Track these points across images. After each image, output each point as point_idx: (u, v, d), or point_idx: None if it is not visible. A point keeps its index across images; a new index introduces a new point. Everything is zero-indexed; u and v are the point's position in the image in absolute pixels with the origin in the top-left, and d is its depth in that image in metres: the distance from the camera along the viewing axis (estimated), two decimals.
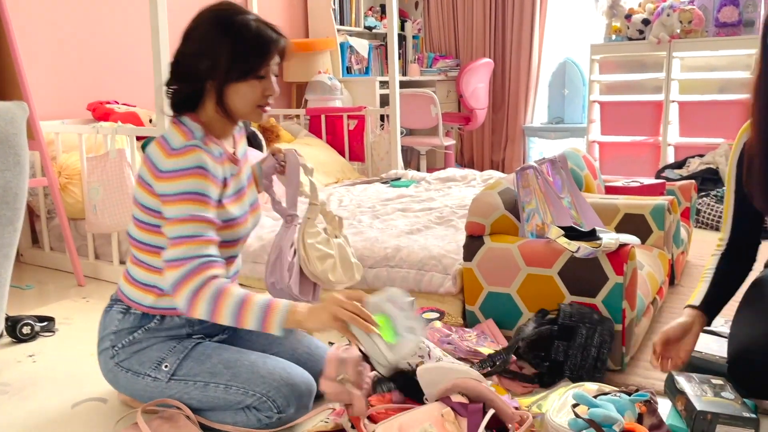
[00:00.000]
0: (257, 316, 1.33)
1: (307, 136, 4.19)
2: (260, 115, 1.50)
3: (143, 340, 1.50)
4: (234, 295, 1.34)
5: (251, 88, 1.45)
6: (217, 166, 1.44)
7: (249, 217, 1.58)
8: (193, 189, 1.38)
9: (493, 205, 1.98)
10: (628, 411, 1.18)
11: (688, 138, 4.41)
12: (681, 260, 2.58)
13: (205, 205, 1.40)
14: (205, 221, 1.39)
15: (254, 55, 1.43)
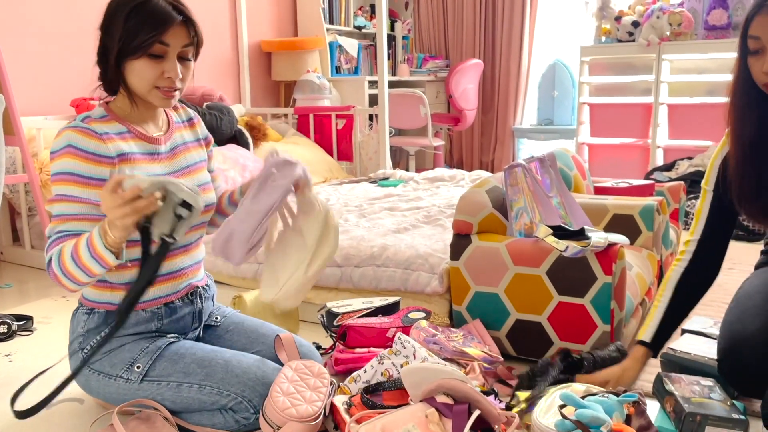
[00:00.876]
0: (87, 253, 1.30)
1: (295, 135, 4.15)
2: (161, 98, 1.44)
3: (113, 341, 1.46)
4: (67, 249, 1.32)
5: (146, 66, 1.40)
6: (98, 143, 1.38)
7: None
8: (64, 169, 1.37)
9: (481, 203, 1.95)
10: (616, 412, 1.16)
11: (677, 140, 4.41)
12: (670, 262, 2.56)
13: (75, 185, 1.37)
14: (73, 200, 1.38)
15: (145, 31, 1.38)
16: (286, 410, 1.29)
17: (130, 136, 1.46)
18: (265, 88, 4.62)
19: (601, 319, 1.71)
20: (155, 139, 1.52)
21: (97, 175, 1.39)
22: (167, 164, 1.53)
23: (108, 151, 1.40)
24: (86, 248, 1.30)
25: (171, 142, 1.56)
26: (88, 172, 1.38)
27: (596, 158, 4.75)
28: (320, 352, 1.88)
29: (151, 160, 1.50)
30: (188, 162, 1.58)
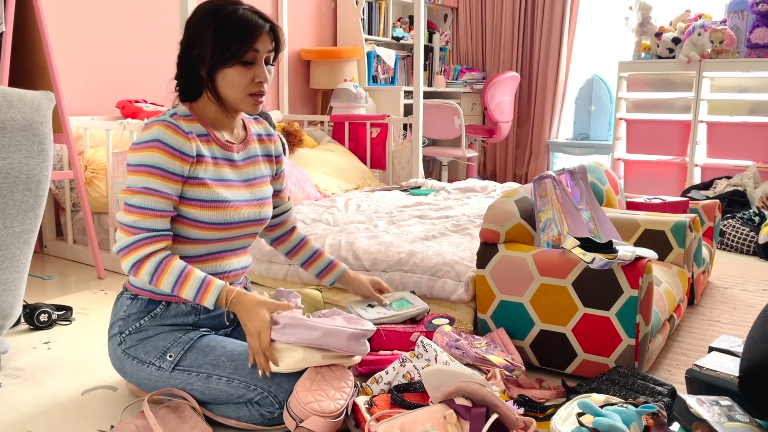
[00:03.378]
0: (193, 292, 1.46)
1: (330, 142, 4.22)
2: (252, 105, 1.53)
3: (149, 329, 1.53)
4: (176, 266, 1.46)
5: (239, 74, 1.48)
6: (184, 141, 1.47)
7: (247, 207, 1.60)
8: (149, 162, 1.44)
9: (509, 212, 1.96)
10: (634, 422, 1.16)
11: (715, 159, 4.34)
12: (702, 280, 2.53)
13: (159, 179, 1.45)
14: (157, 195, 1.45)
15: (237, 40, 1.46)
16: (309, 404, 1.32)
17: (206, 139, 1.55)
18: (303, 95, 4.71)
19: (626, 333, 1.71)
20: (229, 146, 1.60)
21: (177, 171, 1.48)
22: (238, 172, 1.61)
23: (191, 150, 1.49)
24: (195, 289, 1.46)
25: (245, 152, 1.64)
26: (172, 168, 1.46)
27: (632, 175, 4.70)
28: None
29: (226, 164, 1.58)
30: (256, 174, 1.66)
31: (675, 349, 2.04)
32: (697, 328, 2.22)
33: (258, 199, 1.64)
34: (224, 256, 1.61)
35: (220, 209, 1.54)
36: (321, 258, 1.89)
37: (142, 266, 1.45)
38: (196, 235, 1.53)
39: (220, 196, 1.54)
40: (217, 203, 1.53)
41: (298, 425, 1.31)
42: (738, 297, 2.59)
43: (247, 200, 1.60)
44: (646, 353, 1.76)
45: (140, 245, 1.45)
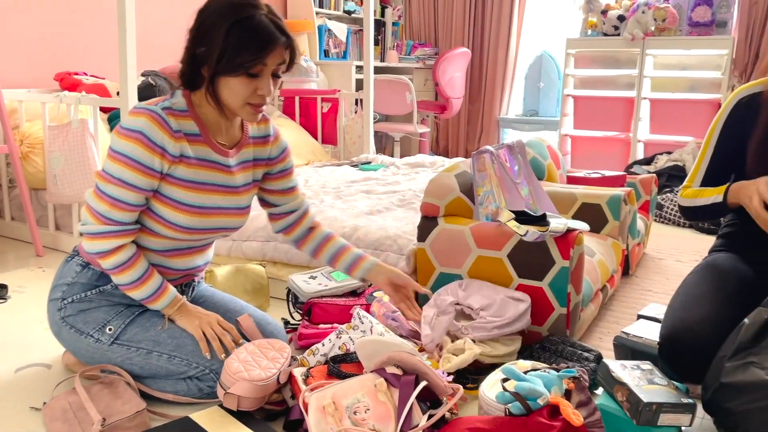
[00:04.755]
0: (152, 289, 1.48)
1: (281, 117, 4.18)
2: (250, 114, 1.44)
3: (93, 300, 1.51)
4: (140, 267, 1.47)
5: (241, 84, 1.38)
6: (168, 139, 1.41)
7: (223, 215, 1.53)
8: (128, 153, 1.39)
9: (449, 186, 1.99)
10: (555, 386, 1.21)
11: (657, 135, 4.47)
12: (637, 251, 2.62)
13: (136, 172, 1.40)
14: (131, 189, 1.40)
15: (248, 52, 1.35)
16: (238, 373, 1.33)
17: (199, 140, 1.47)
18: None
19: (558, 302, 1.77)
20: (223, 150, 1.51)
21: (156, 167, 1.42)
22: (228, 178, 1.53)
23: (174, 149, 1.42)
24: (156, 287, 1.48)
25: (238, 157, 1.55)
26: (150, 163, 1.40)
27: (579, 150, 4.81)
28: (287, 329, 1.93)
29: (215, 168, 1.50)
30: (245, 181, 1.58)
31: (607, 317, 2.12)
32: (630, 298, 2.31)
33: (239, 207, 1.57)
34: (189, 253, 1.57)
35: (195, 215, 1.48)
36: (347, 252, 1.70)
37: (109, 257, 1.43)
38: (166, 233, 1.48)
39: (197, 201, 1.47)
40: (193, 208, 1.47)
41: (226, 393, 1.32)
42: (671, 267, 2.70)
43: (226, 208, 1.53)
44: (577, 322, 1.82)
45: (109, 236, 1.42)
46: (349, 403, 1.24)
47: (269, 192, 1.68)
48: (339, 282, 1.93)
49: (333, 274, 1.97)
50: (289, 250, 2.27)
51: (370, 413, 1.23)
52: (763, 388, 1.23)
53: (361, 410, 1.23)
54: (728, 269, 1.59)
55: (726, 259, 1.63)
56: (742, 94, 1.60)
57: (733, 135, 1.58)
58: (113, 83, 3.25)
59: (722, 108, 1.63)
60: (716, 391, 1.33)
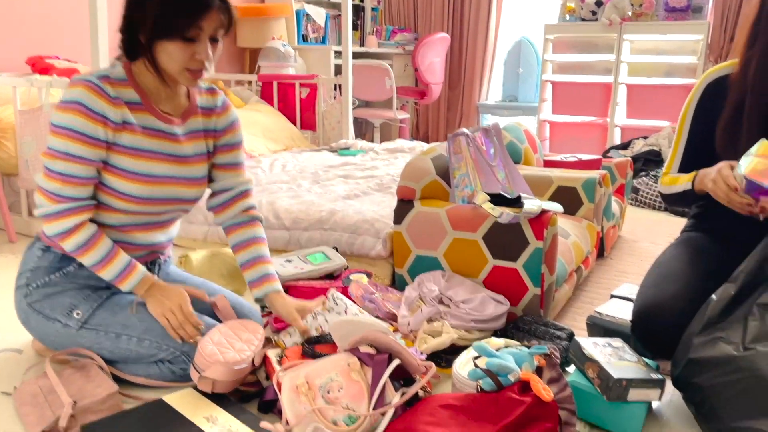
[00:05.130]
0: (119, 268, 1.45)
1: (258, 102, 4.14)
2: (189, 79, 1.43)
3: (58, 284, 1.49)
4: (104, 245, 1.44)
5: (179, 49, 1.39)
6: (108, 106, 1.39)
7: (176, 184, 1.52)
8: (69, 125, 1.37)
9: (425, 170, 2.00)
10: (525, 363, 1.22)
11: (634, 120, 4.51)
12: (612, 234, 2.65)
13: (80, 144, 1.38)
14: (78, 161, 1.39)
15: (182, 15, 1.36)
16: (212, 356, 1.33)
17: (140, 107, 1.46)
18: (230, 53, 4.59)
19: (532, 283, 1.79)
20: (167, 118, 1.50)
21: (100, 136, 1.40)
22: (172, 146, 1.51)
23: (115, 116, 1.41)
24: (123, 266, 1.45)
25: (185, 127, 1.54)
26: (93, 133, 1.38)
27: (557, 136, 4.84)
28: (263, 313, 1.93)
29: (160, 137, 1.48)
30: (195, 151, 1.56)
31: (582, 298, 2.15)
32: (604, 279, 2.34)
33: (191, 178, 1.55)
34: (148, 228, 1.55)
35: (145, 183, 1.46)
36: (259, 266, 1.61)
37: (70, 236, 1.40)
38: (120, 206, 1.46)
39: (145, 169, 1.46)
40: (141, 176, 1.45)
41: (200, 376, 1.32)
42: (646, 249, 2.73)
43: (178, 177, 1.52)
44: (551, 302, 1.84)
45: (67, 214, 1.39)
46: (323, 382, 1.24)
47: (213, 166, 1.65)
48: (315, 265, 1.93)
49: (309, 257, 1.97)
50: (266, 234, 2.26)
51: (343, 392, 1.23)
52: (730, 362, 1.26)
53: (334, 389, 1.23)
54: (699, 247, 1.61)
55: (698, 237, 1.66)
56: (711, 77, 1.61)
57: (705, 118, 1.60)
58: (86, 67, 3.20)
59: (692, 92, 1.64)
60: (685, 367, 1.35)
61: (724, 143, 1.53)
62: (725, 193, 1.40)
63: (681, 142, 1.65)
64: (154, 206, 1.51)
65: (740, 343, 1.26)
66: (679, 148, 1.66)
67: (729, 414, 1.24)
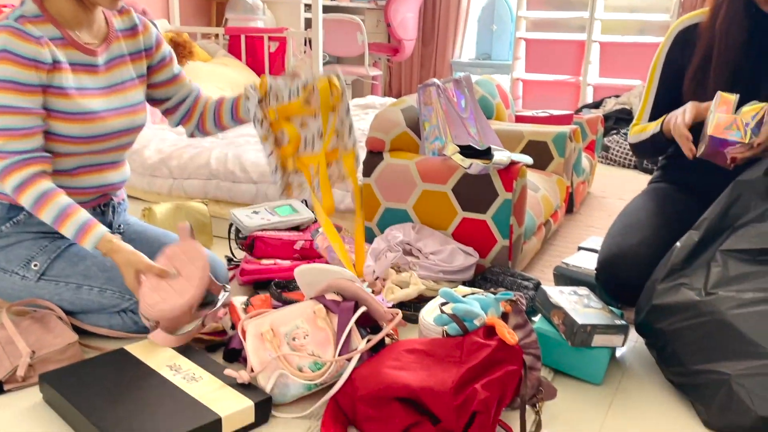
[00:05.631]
0: (77, 224, 1.33)
1: (226, 56, 4.03)
2: (110, 1, 1.38)
3: (11, 235, 1.44)
4: (59, 201, 1.34)
5: None
6: (36, 48, 1.32)
7: (116, 116, 1.47)
8: (4, 77, 1.29)
9: (395, 121, 1.96)
10: (491, 308, 1.22)
11: (607, 78, 4.51)
12: (581, 189, 2.66)
13: (20, 93, 1.31)
14: (19, 112, 1.31)
15: None
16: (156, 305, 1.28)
17: (63, 43, 1.38)
18: (196, 5, 4.43)
19: (500, 234, 1.78)
20: (90, 50, 1.43)
21: (35, 81, 1.32)
22: (103, 78, 1.45)
23: (45, 57, 1.33)
24: (77, 227, 1.32)
25: (108, 54, 1.47)
26: (27, 79, 1.31)
27: (530, 94, 4.82)
28: (230, 266, 1.90)
29: (85, 72, 1.42)
30: (123, 78, 1.50)
31: (550, 251, 2.16)
32: (572, 233, 2.36)
33: (128, 106, 1.51)
34: (98, 170, 1.50)
35: (87, 122, 1.41)
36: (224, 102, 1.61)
37: (24, 191, 1.32)
38: (65, 149, 1.41)
39: (85, 107, 1.40)
40: (83, 115, 1.40)
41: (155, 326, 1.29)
42: (614, 205, 2.75)
43: (115, 108, 1.47)
44: (519, 254, 1.85)
45: (17, 167, 1.31)
46: (288, 329, 1.23)
47: (157, 86, 1.60)
48: (282, 217, 1.90)
49: (276, 209, 1.94)
50: (231, 187, 2.22)
51: (309, 339, 1.22)
52: (692, 307, 1.28)
53: (300, 336, 1.22)
54: (665, 197, 1.62)
55: (663, 188, 1.67)
56: (681, 26, 1.60)
57: (674, 67, 1.59)
58: None
59: (664, 40, 1.63)
60: (648, 313, 1.37)
61: (692, 92, 1.52)
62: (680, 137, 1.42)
63: (651, 91, 1.65)
64: (100, 143, 1.45)
65: (702, 289, 1.28)
66: (650, 98, 1.65)
67: (690, 357, 1.27)
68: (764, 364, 1.14)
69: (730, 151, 1.34)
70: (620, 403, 1.29)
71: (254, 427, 1.13)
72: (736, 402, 1.16)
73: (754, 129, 1.32)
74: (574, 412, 1.25)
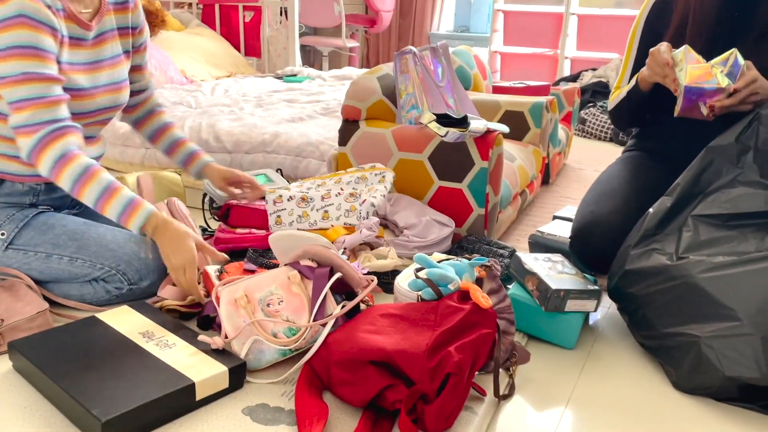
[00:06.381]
0: (117, 212, 1.31)
1: (200, 26, 3.95)
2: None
3: None
4: (102, 179, 1.30)
5: None
6: (50, 14, 1.29)
7: (102, 93, 1.44)
8: (21, 42, 1.24)
9: (371, 89, 1.94)
10: (466, 273, 1.23)
11: (584, 52, 4.51)
12: (558, 160, 2.67)
13: (40, 60, 1.27)
14: (46, 79, 1.27)
15: None
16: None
17: (64, 15, 1.34)
18: None
19: (476, 203, 1.79)
20: (86, 23, 1.39)
21: (52, 49, 1.28)
22: (91, 52, 1.41)
23: (58, 26, 1.29)
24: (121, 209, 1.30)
25: (99, 27, 1.43)
26: (47, 45, 1.26)
27: (508, 67, 4.80)
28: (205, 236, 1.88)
29: (77, 46, 1.38)
30: (113, 53, 1.47)
31: (526, 221, 2.17)
32: (548, 203, 2.37)
33: (115, 82, 1.47)
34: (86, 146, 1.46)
35: (75, 98, 1.37)
36: (184, 146, 1.69)
37: (64, 168, 1.26)
38: None
39: (76, 83, 1.36)
40: (72, 92, 1.36)
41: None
42: (590, 177, 2.77)
43: (103, 85, 1.44)
44: (495, 222, 1.85)
45: (52, 138, 1.26)
46: (262, 295, 1.22)
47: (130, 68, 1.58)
48: None
49: None
50: None
51: (283, 305, 1.21)
52: (663, 271, 1.29)
53: (274, 302, 1.21)
54: (639, 165, 1.63)
55: (637, 156, 1.68)
56: None
57: (652, 34, 1.59)
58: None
59: (641, 10, 1.63)
60: (621, 278, 1.39)
61: None
62: (660, 67, 1.40)
63: (630, 59, 1.65)
64: (83, 119, 1.42)
65: (674, 253, 1.29)
66: (628, 66, 1.65)
67: (660, 321, 1.29)
68: (732, 325, 1.16)
69: (709, 101, 1.35)
70: (592, 367, 1.31)
71: (229, 392, 1.13)
72: (704, 363, 1.18)
73: (729, 74, 1.33)
74: (547, 376, 1.27)
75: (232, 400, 1.11)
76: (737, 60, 1.34)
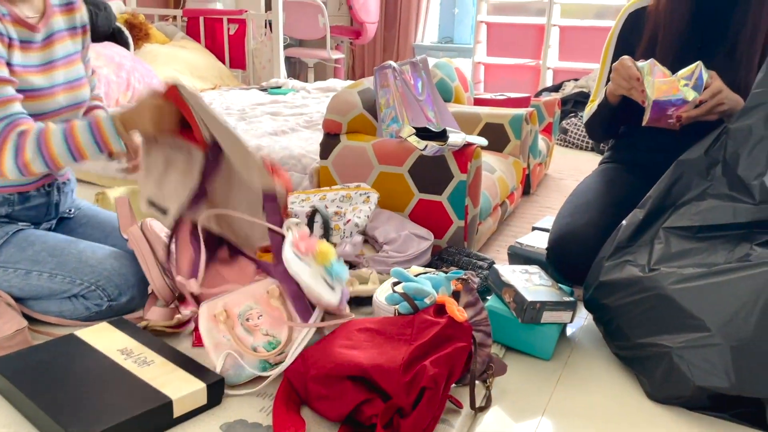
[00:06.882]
0: (89, 136, 1.32)
1: (184, 38, 3.96)
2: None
3: None
4: (56, 130, 1.31)
5: None
6: None
7: (61, 92, 1.45)
8: None
9: (352, 103, 1.96)
10: (442, 287, 1.24)
11: (566, 62, 4.56)
12: (538, 171, 2.71)
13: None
14: None
15: None
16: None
17: (10, 19, 1.35)
18: None
19: (456, 215, 1.81)
20: (32, 26, 1.40)
21: (2, 53, 1.30)
22: (42, 54, 1.43)
23: (6, 31, 1.31)
24: (88, 131, 1.31)
25: (47, 29, 1.45)
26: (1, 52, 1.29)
27: (491, 78, 4.85)
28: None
29: (27, 48, 1.39)
30: (65, 52, 1.48)
31: (506, 232, 2.20)
32: (529, 214, 2.40)
33: (72, 81, 1.49)
34: None
35: (33, 99, 1.38)
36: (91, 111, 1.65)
37: (23, 152, 1.28)
38: None
39: (31, 84, 1.38)
40: (29, 93, 1.37)
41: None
42: (571, 187, 2.80)
43: (61, 84, 1.45)
44: (475, 234, 1.87)
45: (7, 134, 1.29)
46: (241, 310, 1.23)
47: None
48: None
49: None
50: None
51: (263, 319, 1.22)
52: (636, 283, 1.32)
53: (253, 317, 1.22)
54: (614, 177, 1.66)
55: (613, 168, 1.71)
56: (631, 8, 1.64)
57: (625, 49, 1.63)
58: None
59: (615, 23, 1.67)
60: (595, 289, 1.41)
61: None
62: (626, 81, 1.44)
63: (604, 72, 1.68)
64: (47, 119, 1.42)
65: (646, 265, 1.32)
66: (602, 80, 1.69)
67: (634, 331, 1.31)
68: (702, 336, 1.19)
69: (675, 111, 1.39)
70: (568, 378, 1.33)
71: (207, 408, 1.13)
72: (676, 373, 1.20)
73: (695, 87, 1.37)
74: (524, 387, 1.29)
75: (210, 416, 1.12)
76: (701, 73, 1.38)
